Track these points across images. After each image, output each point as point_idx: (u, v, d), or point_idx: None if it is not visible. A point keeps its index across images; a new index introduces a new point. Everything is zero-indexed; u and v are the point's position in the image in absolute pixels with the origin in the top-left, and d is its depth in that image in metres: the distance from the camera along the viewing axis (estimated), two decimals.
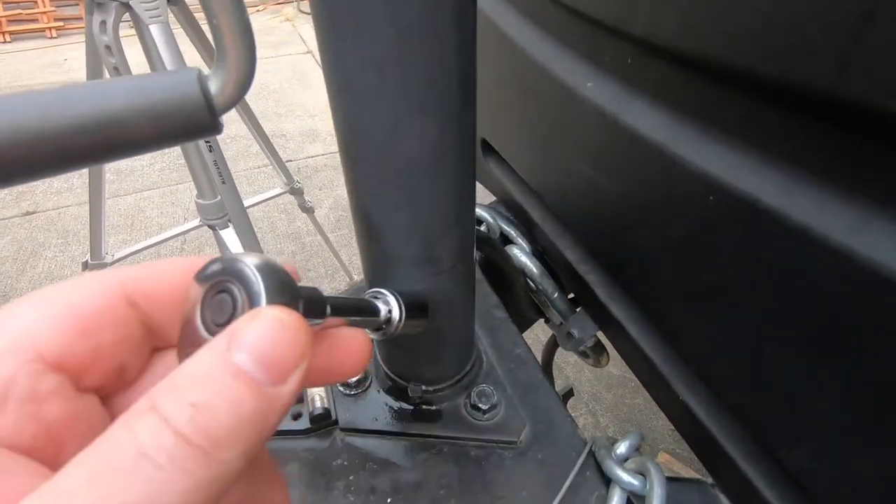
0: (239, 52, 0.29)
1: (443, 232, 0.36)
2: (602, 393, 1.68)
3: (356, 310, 0.25)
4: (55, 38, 4.15)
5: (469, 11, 0.28)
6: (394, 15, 0.25)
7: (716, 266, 0.36)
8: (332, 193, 2.48)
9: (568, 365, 1.73)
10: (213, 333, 0.16)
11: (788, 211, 0.29)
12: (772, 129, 0.29)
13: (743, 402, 0.37)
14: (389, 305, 0.27)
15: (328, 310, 0.20)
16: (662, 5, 0.33)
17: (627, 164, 0.42)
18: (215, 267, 0.17)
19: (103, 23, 0.86)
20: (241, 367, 0.14)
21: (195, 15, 1.05)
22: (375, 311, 0.27)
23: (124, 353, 0.17)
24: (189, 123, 0.29)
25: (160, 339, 0.19)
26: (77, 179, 2.49)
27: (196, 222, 1.32)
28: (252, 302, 0.16)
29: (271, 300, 0.16)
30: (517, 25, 0.58)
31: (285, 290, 0.16)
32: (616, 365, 0.76)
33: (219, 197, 1.18)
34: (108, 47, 0.87)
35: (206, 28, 1.12)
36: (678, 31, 0.31)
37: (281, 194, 1.54)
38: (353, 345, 0.22)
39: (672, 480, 0.41)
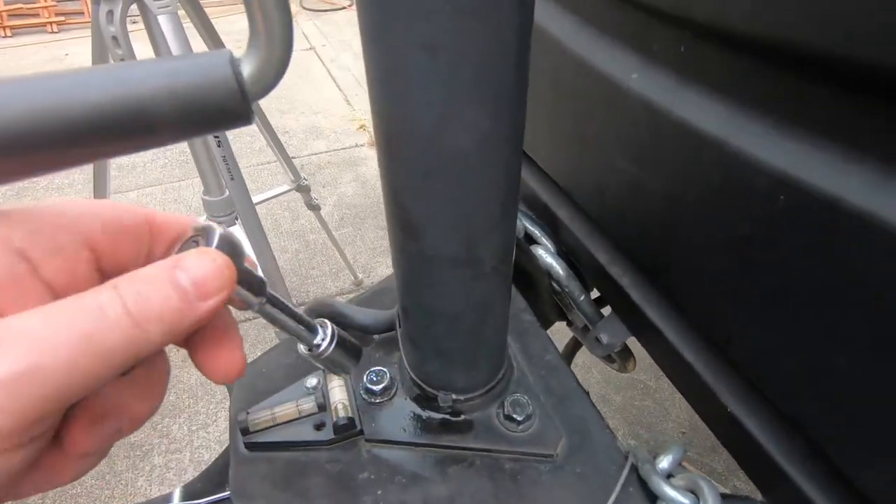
0: (275, 33, 0.26)
1: (487, 231, 0.34)
2: (611, 395, 1.66)
3: (295, 317, 0.29)
4: (56, 32, 4.10)
5: None
6: None
7: (782, 268, 0.33)
8: (335, 191, 2.45)
9: (574, 367, 1.71)
10: None
11: (876, 210, 0.27)
12: (861, 122, 0.26)
13: (806, 416, 0.35)
14: (325, 333, 0.31)
15: (265, 294, 0.26)
16: None
17: (678, 161, 0.39)
18: (200, 226, 0.24)
19: (110, 13, 0.83)
20: (177, 278, 0.21)
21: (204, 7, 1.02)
22: (311, 329, 0.30)
23: (128, 257, 0.24)
24: (219, 111, 0.26)
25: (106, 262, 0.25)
26: (79, 175, 2.45)
27: (202, 219, 1.29)
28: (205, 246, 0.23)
29: (217, 248, 0.23)
30: (547, 12, 0.55)
31: (232, 249, 0.23)
32: None
33: (226, 193, 1.15)
34: (114, 38, 0.85)
35: (214, 20, 1.09)
36: (753, 15, 0.28)
37: (288, 191, 1.52)
38: (232, 351, 0.25)
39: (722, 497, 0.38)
